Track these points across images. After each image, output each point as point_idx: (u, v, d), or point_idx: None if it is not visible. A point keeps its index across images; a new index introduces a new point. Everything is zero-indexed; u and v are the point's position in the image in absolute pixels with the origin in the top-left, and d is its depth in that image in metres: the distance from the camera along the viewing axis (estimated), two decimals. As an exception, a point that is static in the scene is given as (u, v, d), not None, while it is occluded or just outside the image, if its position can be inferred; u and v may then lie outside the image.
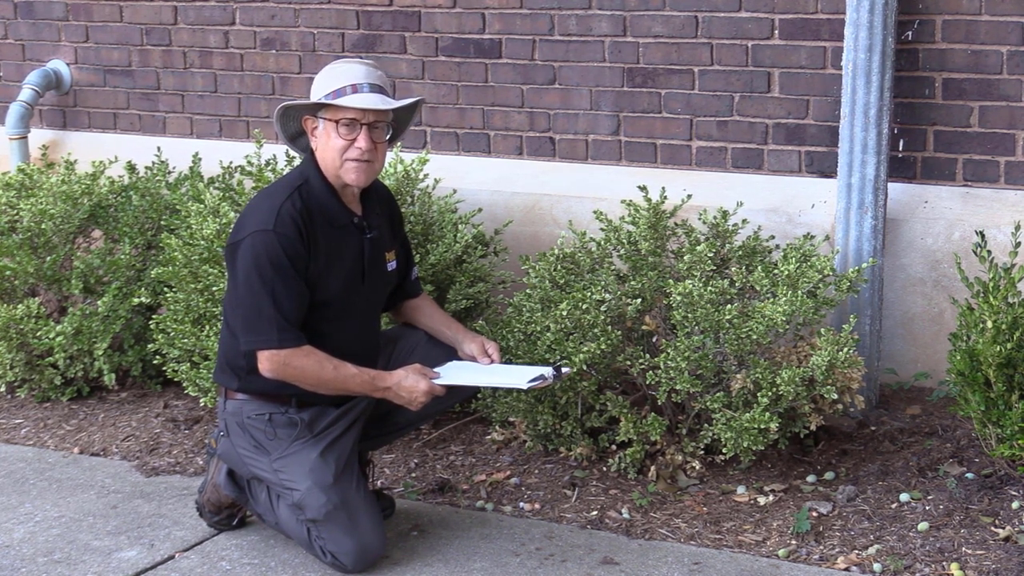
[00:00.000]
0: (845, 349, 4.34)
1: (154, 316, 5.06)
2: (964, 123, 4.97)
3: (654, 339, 4.52)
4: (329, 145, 4.01)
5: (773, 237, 4.81)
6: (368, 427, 4.18)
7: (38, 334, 5.27)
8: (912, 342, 5.07)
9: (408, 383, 4.04)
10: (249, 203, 4.10)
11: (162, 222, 5.47)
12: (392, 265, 4.23)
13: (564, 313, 4.42)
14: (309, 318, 4.01)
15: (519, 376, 4.15)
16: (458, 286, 4.93)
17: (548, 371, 4.13)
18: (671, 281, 4.46)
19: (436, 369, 4.14)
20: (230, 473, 4.19)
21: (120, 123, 6.59)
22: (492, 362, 4.24)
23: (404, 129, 4.24)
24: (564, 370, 4.23)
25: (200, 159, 5.75)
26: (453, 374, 4.16)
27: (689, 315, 4.36)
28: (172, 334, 4.93)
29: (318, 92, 4.04)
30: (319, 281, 4.01)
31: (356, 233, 4.10)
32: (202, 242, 4.86)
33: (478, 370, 4.23)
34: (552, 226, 5.48)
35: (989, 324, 4.15)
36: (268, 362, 3.95)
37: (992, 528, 4.12)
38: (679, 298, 4.35)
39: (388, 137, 4.09)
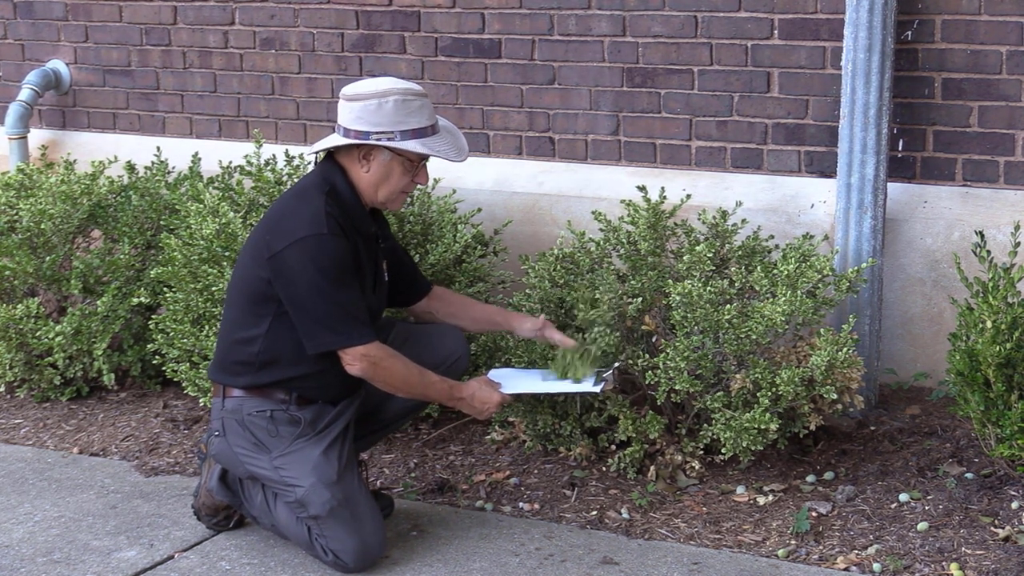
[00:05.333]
0: (844, 349, 4.35)
1: (153, 316, 5.06)
2: (964, 123, 4.97)
3: (653, 339, 4.52)
4: (391, 179, 4.01)
5: (772, 237, 4.81)
6: (354, 427, 4.19)
7: (37, 334, 5.27)
8: (912, 342, 5.07)
9: (482, 395, 4.14)
10: (279, 210, 4.04)
11: (161, 222, 5.47)
12: (386, 275, 4.24)
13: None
14: None
15: (578, 382, 4.25)
16: (458, 286, 4.93)
17: (608, 373, 4.22)
18: (670, 281, 4.47)
19: (490, 377, 4.26)
20: (222, 478, 4.19)
21: (119, 123, 6.60)
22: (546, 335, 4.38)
23: None
24: (616, 364, 4.30)
25: (199, 159, 5.75)
26: (512, 383, 4.27)
27: (688, 315, 4.36)
28: (171, 334, 4.93)
29: (389, 124, 3.94)
30: None
31: (374, 242, 4.11)
32: (201, 242, 4.86)
33: (527, 377, 4.36)
34: (551, 226, 5.48)
35: (988, 324, 4.15)
36: (360, 361, 3.96)
37: (992, 528, 4.12)
38: (678, 298, 4.35)
39: None
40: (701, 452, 4.48)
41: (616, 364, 4.30)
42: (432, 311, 4.44)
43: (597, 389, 4.20)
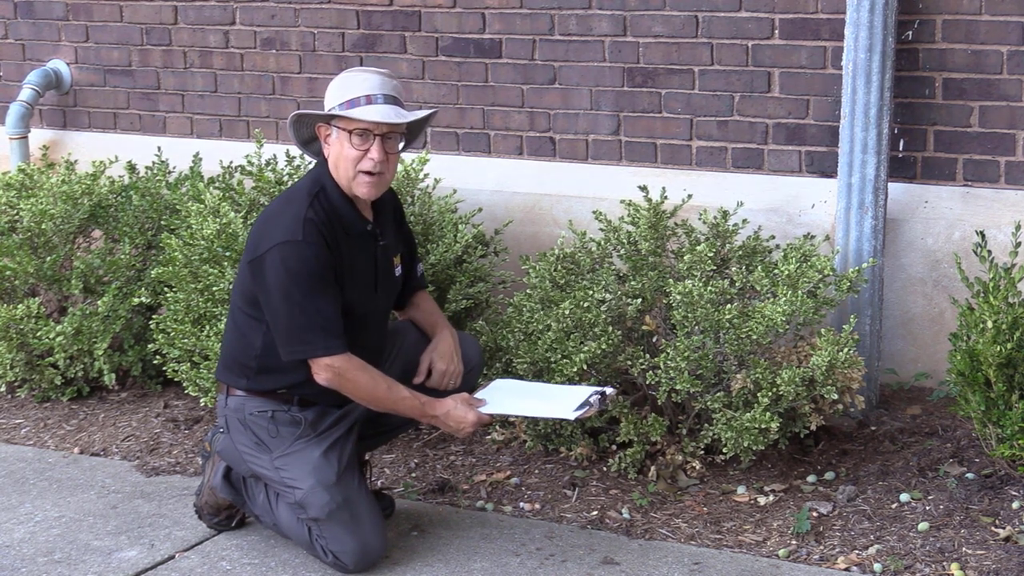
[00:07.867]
0: (845, 349, 4.35)
1: (154, 316, 5.06)
2: (964, 123, 4.97)
3: (654, 339, 4.52)
4: (342, 155, 3.99)
5: (773, 237, 4.81)
6: (361, 427, 4.18)
7: (38, 334, 5.27)
8: (912, 342, 5.07)
9: (457, 414, 4.05)
10: (267, 213, 4.07)
11: (162, 222, 5.47)
12: (398, 270, 4.23)
13: (566, 312, 4.43)
14: None
15: (564, 403, 4.12)
16: (458, 286, 4.93)
17: (594, 398, 4.09)
18: (671, 281, 4.47)
19: (478, 395, 4.17)
20: (226, 476, 4.20)
21: (120, 123, 6.60)
22: (447, 377, 4.22)
23: (416, 137, 4.22)
24: (608, 391, 4.16)
25: (200, 159, 5.75)
26: (498, 401, 4.16)
27: (689, 315, 4.36)
28: (172, 334, 4.93)
29: (332, 100, 4.00)
30: (341, 291, 4.00)
31: (370, 241, 4.10)
32: (202, 242, 4.86)
33: (521, 394, 4.25)
34: (552, 226, 5.48)
35: (989, 324, 4.15)
36: (325, 372, 3.95)
37: (992, 528, 4.12)
38: (679, 298, 4.35)
39: (401, 146, 4.08)
40: (702, 452, 4.48)
41: (606, 389, 4.18)
42: (409, 317, 4.39)
43: (572, 417, 4.08)
